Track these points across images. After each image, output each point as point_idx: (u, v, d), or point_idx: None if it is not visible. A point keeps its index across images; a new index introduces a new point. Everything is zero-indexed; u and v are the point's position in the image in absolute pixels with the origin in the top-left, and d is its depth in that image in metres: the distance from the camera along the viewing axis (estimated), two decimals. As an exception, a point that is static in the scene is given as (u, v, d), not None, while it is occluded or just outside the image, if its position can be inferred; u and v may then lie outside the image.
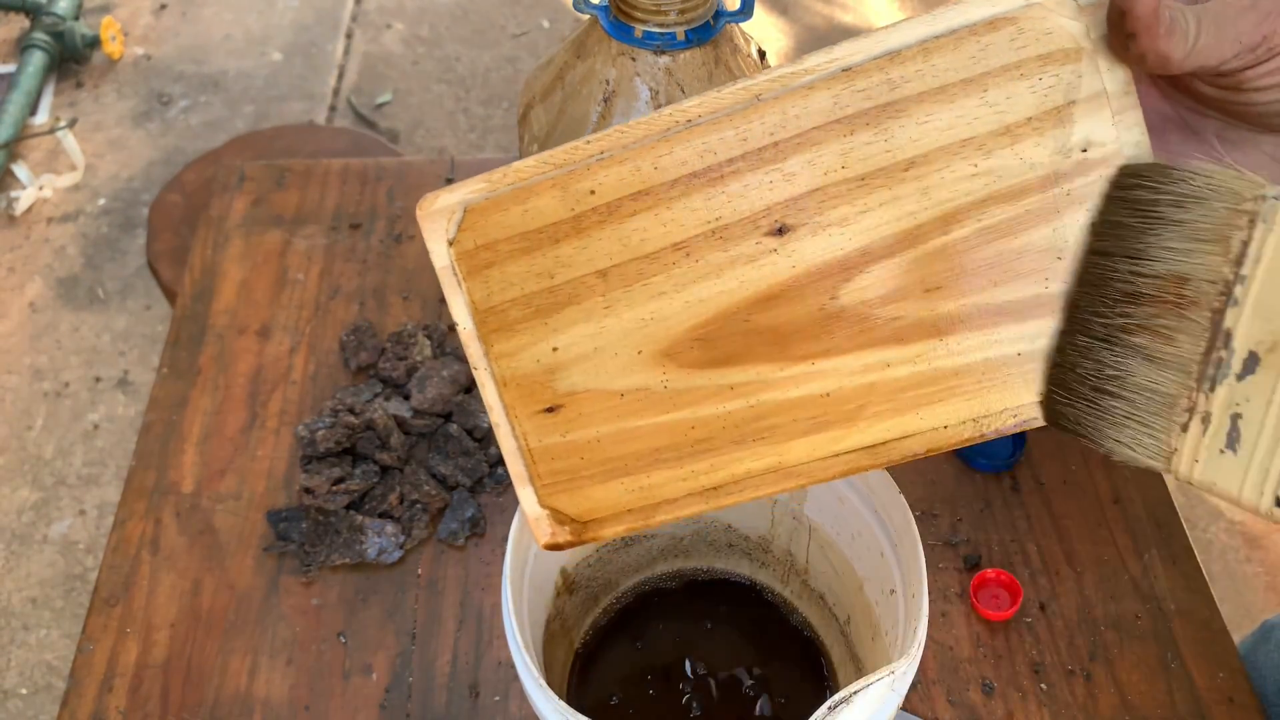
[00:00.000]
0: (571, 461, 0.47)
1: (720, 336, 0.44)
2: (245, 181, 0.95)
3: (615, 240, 0.43)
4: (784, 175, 0.42)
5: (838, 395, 0.44)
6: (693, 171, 0.42)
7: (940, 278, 0.42)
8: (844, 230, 0.42)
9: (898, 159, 0.41)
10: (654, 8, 0.55)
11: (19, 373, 1.74)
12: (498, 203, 0.44)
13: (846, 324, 0.43)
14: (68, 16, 2.21)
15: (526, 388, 0.47)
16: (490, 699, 0.65)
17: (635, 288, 0.44)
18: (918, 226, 0.42)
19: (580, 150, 0.43)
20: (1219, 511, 1.55)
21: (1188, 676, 0.65)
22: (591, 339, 0.45)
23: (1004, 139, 0.40)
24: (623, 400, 0.46)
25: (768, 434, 0.45)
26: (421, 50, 2.31)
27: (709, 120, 0.42)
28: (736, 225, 0.42)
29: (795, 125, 0.41)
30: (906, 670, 0.45)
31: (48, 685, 1.41)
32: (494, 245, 0.44)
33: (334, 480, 0.72)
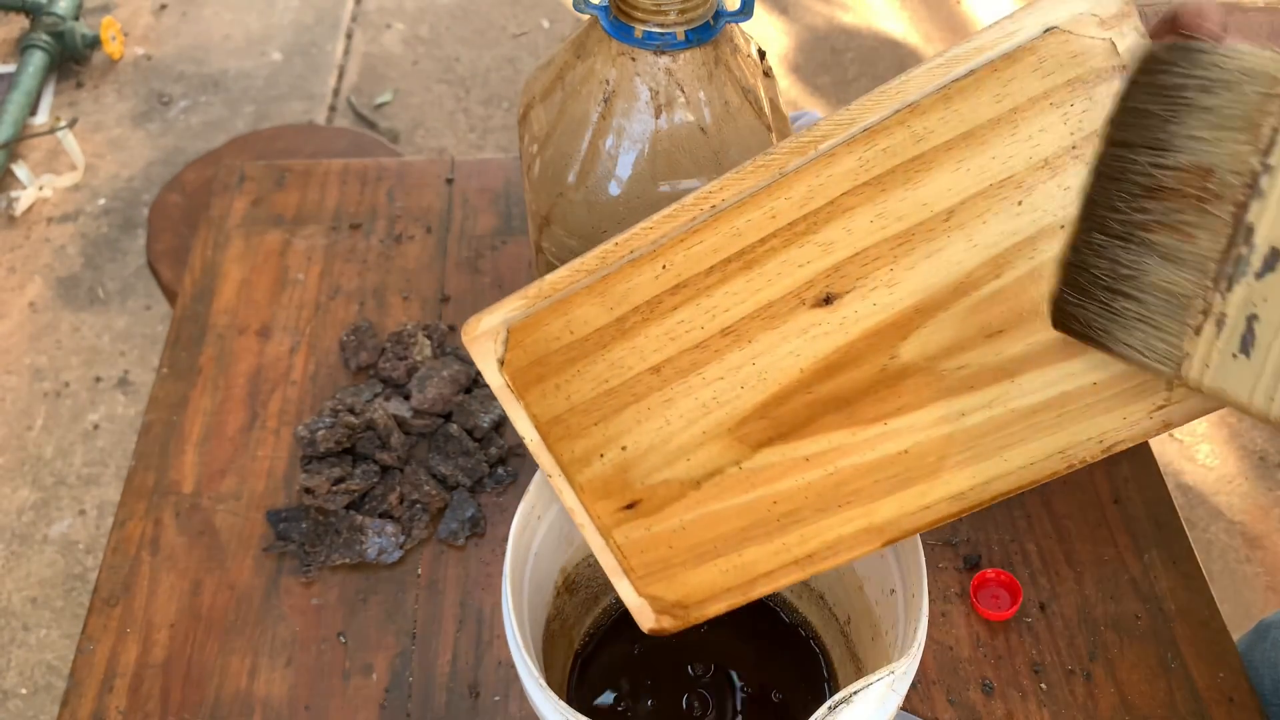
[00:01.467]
0: (661, 552, 0.47)
1: (786, 411, 0.44)
2: (245, 181, 0.95)
3: (662, 336, 0.43)
4: (820, 246, 0.41)
5: (916, 451, 0.43)
6: (727, 257, 0.42)
7: (1001, 321, 0.41)
8: (892, 290, 0.41)
9: (935, 210, 0.40)
10: (654, 8, 0.55)
11: (19, 373, 1.74)
12: (539, 319, 0.44)
13: (912, 380, 0.42)
14: (68, 16, 2.21)
15: (603, 488, 0.47)
16: (490, 699, 0.65)
17: (691, 378, 0.44)
18: (968, 274, 0.41)
19: (610, 254, 0.42)
20: (1219, 511, 1.55)
21: (1188, 676, 0.65)
22: (658, 432, 0.45)
23: (1044, 172, 0.39)
24: (700, 489, 0.46)
25: (852, 498, 0.45)
26: (421, 50, 2.31)
27: (734, 203, 0.41)
28: (781, 302, 0.42)
29: (824, 194, 0.40)
30: (906, 670, 0.45)
31: (48, 685, 1.41)
32: (544, 359, 0.44)
33: (334, 480, 0.72)
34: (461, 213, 0.92)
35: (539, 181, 0.61)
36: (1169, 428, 0.42)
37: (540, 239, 0.64)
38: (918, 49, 2.25)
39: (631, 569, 0.48)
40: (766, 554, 0.46)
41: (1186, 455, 1.61)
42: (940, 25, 2.31)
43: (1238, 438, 1.63)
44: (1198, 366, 0.37)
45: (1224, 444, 1.62)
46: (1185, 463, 1.60)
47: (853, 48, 2.25)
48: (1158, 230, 0.37)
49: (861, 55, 2.23)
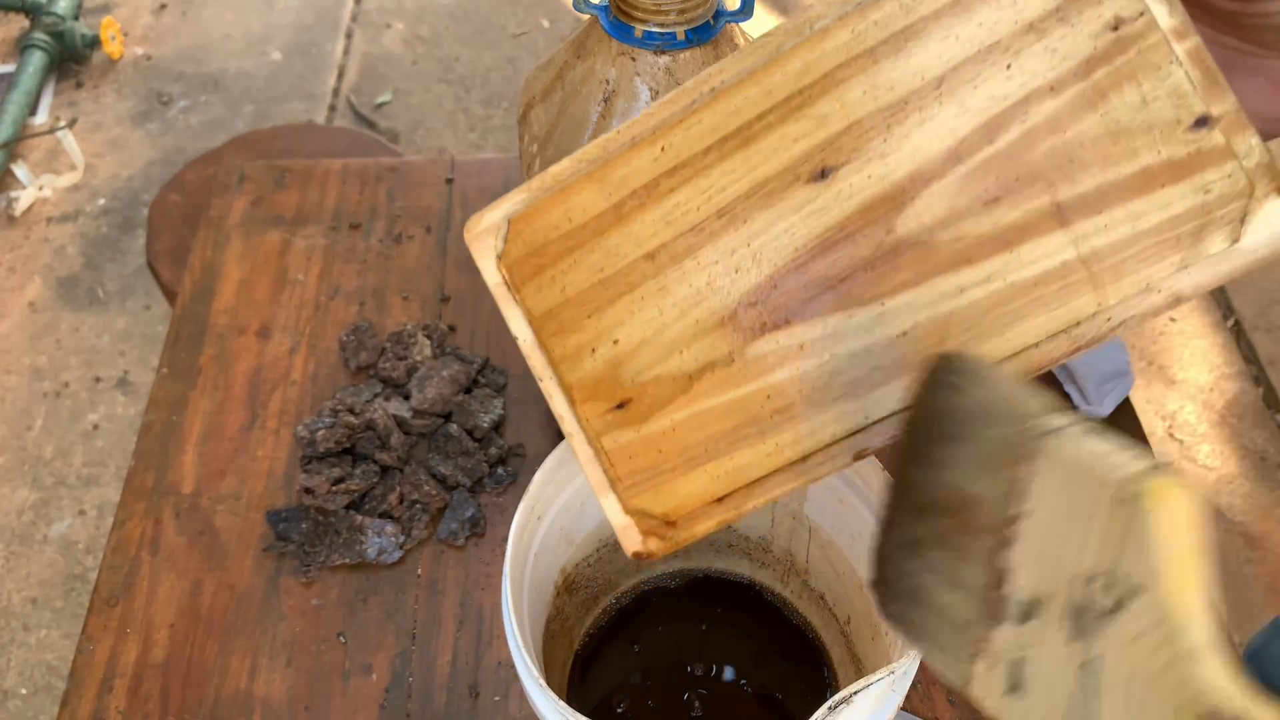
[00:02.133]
0: (650, 457, 0.46)
1: (781, 294, 0.43)
2: (245, 181, 0.95)
3: (658, 220, 0.43)
4: (815, 119, 0.41)
5: (915, 332, 0.42)
6: (724, 135, 0.42)
7: (997, 188, 0.41)
8: (886, 160, 0.41)
9: (926, 79, 0.41)
10: (654, 8, 0.55)
11: (19, 373, 1.74)
12: (539, 208, 0.44)
13: (909, 255, 0.42)
14: (68, 16, 2.21)
15: (593, 388, 0.46)
16: (490, 699, 0.65)
17: (685, 263, 0.43)
18: (961, 141, 0.41)
19: (612, 141, 0.43)
20: (1219, 511, 1.55)
21: (1188, 676, 0.65)
22: (650, 323, 0.44)
23: (1030, 36, 0.40)
24: (692, 381, 0.44)
25: (849, 390, 0.43)
26: (421, 50, 2.31)
27: (733, 83, 0.42)
28: (776, 179, 0.42)
29: (818, 68, 0.41)
30: (907, 670, 0.45)
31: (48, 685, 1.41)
32: (541, 250, 0.44)
33: (334, 480, 0.72)
34: (461, 213, 0.92)
35: (539, 181, 0.61)
36: (1179, 302, 0.41)
37: (540, 239, 0.64)
38: (918, 49, 2.25)
39: (619, 478, 0.46)
40: (759, 456, 0.45)
41: (1187, 456, 1.61)
42: (940, 25, 2.31)
43: (1238, 438, 1.63)
44: (979, 692, 0.36)
45: (1224, 444, 1.62)
46: (1186, 463, 1.60)
47: (853, 48, 2.25)
48: (935, 547, 0.37)
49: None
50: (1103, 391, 0.76)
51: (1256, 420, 1.65)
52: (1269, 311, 1.79)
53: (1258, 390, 1.69)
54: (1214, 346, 1.74)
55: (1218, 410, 1.66)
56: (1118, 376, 0.77)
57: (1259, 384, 1.70)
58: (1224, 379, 1.70)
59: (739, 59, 0.42)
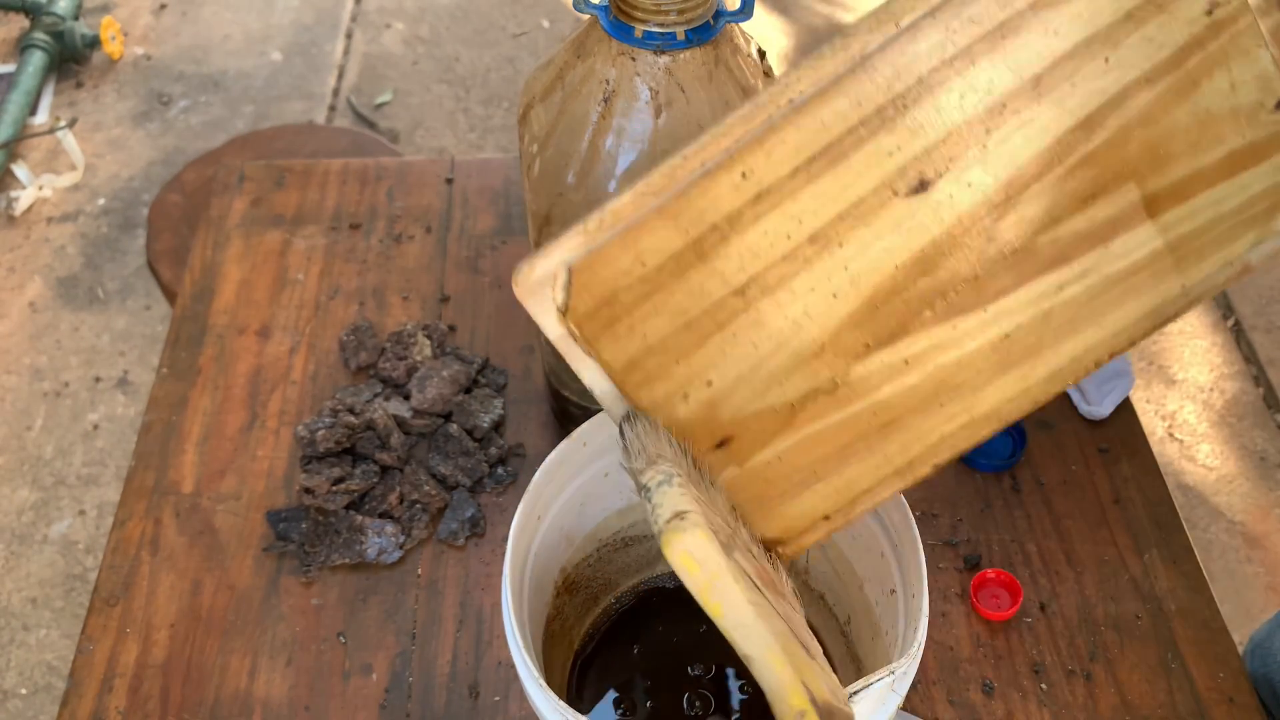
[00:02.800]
0: (757, 488, 0.44)
1: (882, 314, 0.41)
2: (245, 181, 0.95)
3: (745, 253, 0.40)
4: (910, 130, 0.39)
5: (1016, 334, 0.42)
6: (811, 155, 0.39)
7: (1093, 185, 0.40)
8: (985, 167, 0.39)
9: (1024, 78, 0.39)
10: (654, 7, 0.55)
11: (19, 373, 1.74)
12: (604, 255, 0.40)
13: (1009, 260, 0.41)
14: (67, 16, 2.21)
15: (688, 431, 0.43)
16: (490, 699, 0.65)
17: (779, 294, 0.41)
18: (1058, 140, 0.39)
19: (679, 169, 0.39)
20: (1219, 511, 1.55)
21: (1188, 676, 0.65)
22: (746, 360, 0.42)
23: (1128, 25, 0.38)
24: (794, 411, 0.43)
25: (953, 394, 0.42)
26: (421, 50, 2.31)
27: (816, 94, 0.38)
28: (872, 196, 0.39)
29: (911, 72, 0.38)
30: (907, 670, 0.45)
31: (48, 685, 1.41)
32: (613, 299, 0.41)
33: (334, 480, 0.72)
34: (461, 212, 0.92)
35: (539, 181, 0.61)
36: (1248, 273, 0.42)
37: (540, 239, 0.64)
38: (918, 49, 2.25)
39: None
40: (868, 469, 0.44)
41: (1187, 455, 1.61)
42: (940, 25, 2.30)
43: (1238, 438, 1.63)
44: None
45: (1224, 444, 1.62)
46: (1186, 463, 1.60)
47: (853, 48, 2.25)
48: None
49: (861, 55, 2.23)
50: (1103, 391, 0.76)
51: (1256, 420, 1.65)
52: (1269, 311, 1.79)
53: (1258, 390, 1.69)
54: (1214, 346, 1.74)
55: (1218, 410, 1.66)
56: (1118, 376, 0.77)
57: (1259, 384, 1.70)
58: (1224, 379, 1.70)
59: (817, 65, 0.38)
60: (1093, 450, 0.75)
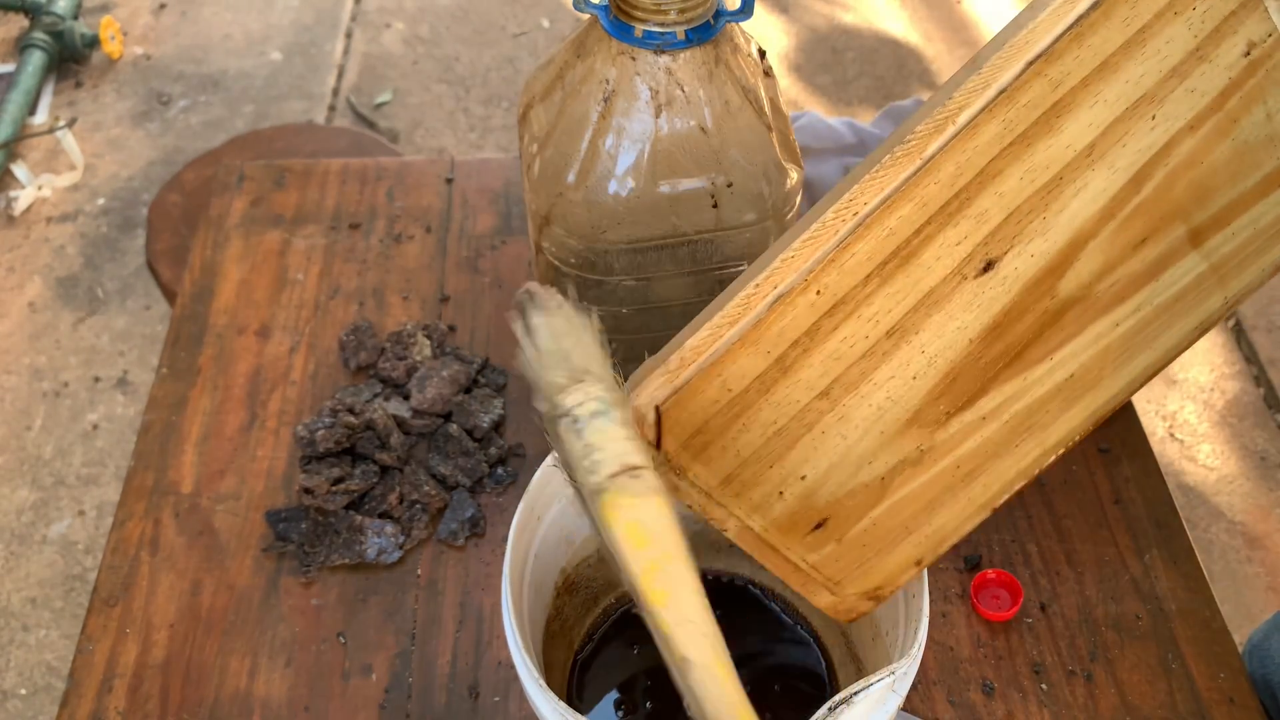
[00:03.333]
0: (855, 554, 0.48)
1: (960, 384, 0.44)
2: (245, 181, 0.95)
3: (827, 360, 0.42)
4: (975, 219, 0.40)
5: (1079, 373, 0.44)
6: (881, 261, 0.41)
7: (1143, 230, 0.42)
8: (1046, 236, 0.41)
9: (1078, 150, 0.40)
10: (654, 7, 0.55)
11: (18, 373, 1.74)
12: (691, 389, 0.42)
13: (1072, 313, 0.43)
14: (67, 16, 2.21)
15: (788, 523, 0.46)
16: (490, 699, 0.65)
17: (862, 387, 0.43)
18: (1113, 199, 0.41)
19: (754, 298, 0.41)
20: (1220, 511, 1.55)
21: (1188, 676, 0.65)
22: (835, 449, 0.44)
23: (1172, 81, 0.39)
24: (884, 484, 0.46)
25: (1026, 435, 0.45)
26: (421, 50, 2.31)
27: (880, 204, 0.40)
28: (943, 285, 0.41)
29: (972, 167, 0.40)
30: (907, 671, 0.45)
31: (47, 685, 1.41)
32: (705, 427, 0.43)
33: (334, 480, 0.72)
34: (461, 213, 0.92)
35: (539, 181, 0.61)
36: (1278, 272, 0.44)
37: (540, 239, 0.64)
38: (918, 48, 2.25)
39: (828, 580, 0.49)
40: (955, 514, 0.47)
41: (1187, 455, 1.61)
42: (940, 25, 2.31)
43: (1239, 438, 1.63)
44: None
45: (1225, 444, 1.62)
46: (1186, 463, 1.60)
47: (853, 48, 2.25)
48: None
49: (861, 55, 2.23)
50: (1103, 391, 0.76)
51: (1256, 420, 1.65)
52: (1269, 311, 1.79)
53: (1258, 390, 1.69)
54: (1214, 346, 1.74)
55: (1218, 410, 1.66)
56: (1118, 376, 0.77)
57: (1259, 384, 1.70)
58: (1224, 379, 1.70)
59: (880, 175, 0.39)
60: (1093, 450, 0.75)
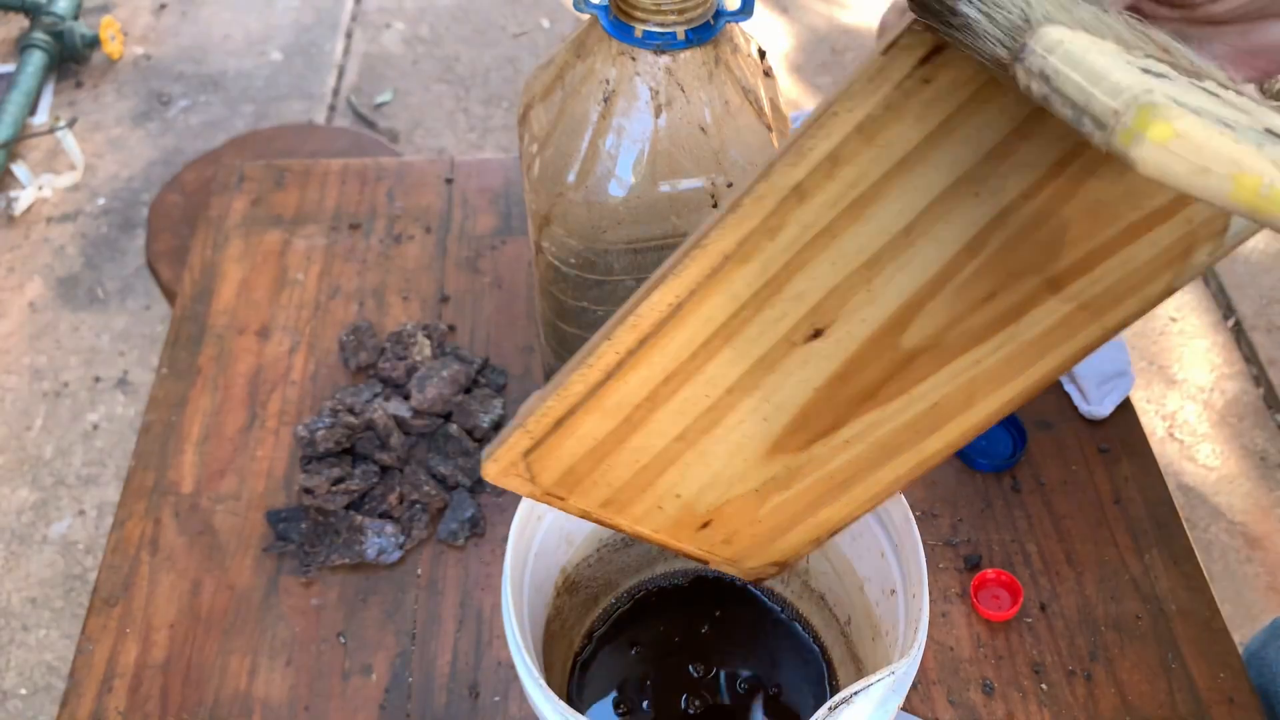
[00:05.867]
0: (746, 542, 0.51)
1: (814, 420, 0.46)
2: (245, 181, 0.95)
3: (673, 414, 0.45)
4: (792, 299, 0.41)
5: (944, 401, 0.45)
6: (705, 340, 0.42)
7: (990, 286, 0.41)
8: (874, 305, 0.42)
9: (893, 233, 0.39)
10: (654, 7, 0.55)
11: (18, 373, 1.74)
12: (549, 446, 0.45)
13: (922, 358, 0.44)
14: (67, 16, 2.21)
15: (674, 526, 0.50)
16: (490, 699, 0.65)
17: (715, 430, 0.46)
18: (945, 266, 0.41)
19: (590, 376, 0.43)
20: (1219, 511, 1.55)
21: (1188, 676, 0.65)
22: (703, 475, 0.48)
23: (993, 161, 0.38)
24: (759, 492, 0.49)
25: (897, 450, 0.47)
26: (421, 50, 2.31)
27: (690, 299, 0.41)
28: (773, 351, 0.43)
29: (775, 263, 0.40)
30: (907, 671, 0.45)
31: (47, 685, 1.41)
32: (572, 469, 0.46)
33: (334, 480, 0.72)
34: (461, 213, 0.92)
35: (539, 181, 0.61)
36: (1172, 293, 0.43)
37: (540, 239, 0.64)
38: (918, 49, 2.25)
39: (726, 560, 0.53)
40: (839, 509, 0.50)
41: (1187, 455, 1.61)
42: (940, 25, 2.30)
43: (1239, 438, 1.63)
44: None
45: (1225, 444, 1.62)
46: (1186, 463, 1.60)
47: (853, 48, 2.25)
48: None
49: (861, 55, 2.23)
50: (1103, 391, 0.76)
51: (1256, 420, 1.65)
52: (1269, 311, 1.79)
53: (1258, 390, 1.69)
54: (1214, 346, 1.74)
55: (1218, 410, 1.66)
56: (1118, 376, 0.77)
57: (1259, 384, 1.70)
58: (1224, 379, 1.70)
59: (682, 273, 0.40)
60: (1093, 450, 0.75)
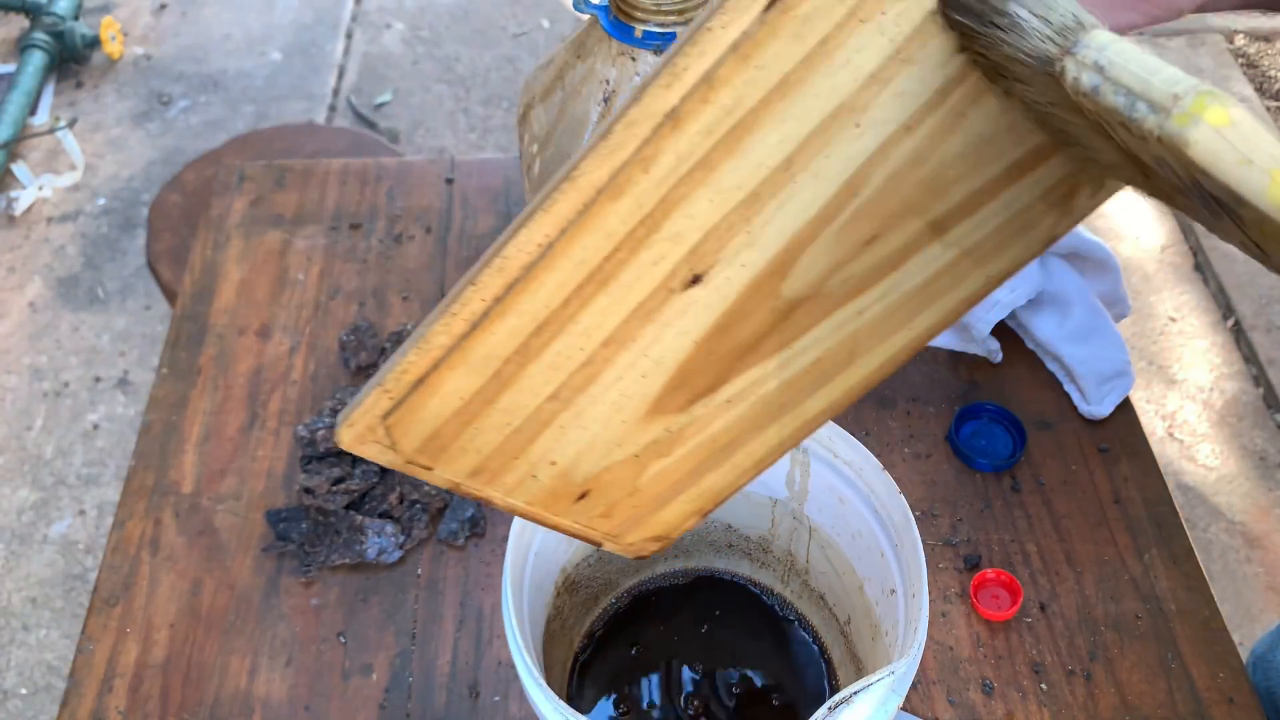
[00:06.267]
0: (626, 514, 0.49)
1: (694, 377, 0.44)
2: (245, 181, 0.95)
3: (545, 370, 0.42)
4: (669, 240, 0.39)
5: (828, 356, 0.44)
6: (577, 285, 0.40)
7: (872, 229, 0.40)
8: (755, 247, 0.40)
9: (772, 167, 0.38)
10: (654, 7, 0.55)
11: (19, 373, 1.74)
12: (411, 406, 0.42)
13: (804, 307, 0.42)
14: (67, 16, 2.21)
15: (550, 497, 0.47)
16: (490, 699, 0.65)
17: (591, 389, 0.43)
18: (825, 207, 0.39)
19: (453, 325, 0.40)
20: (1219, 511, 1.55)
21: (1188, 676, 0.65)
22: (580, 440, 0.45)
23: (874, 88, 0.36)
24: (639, 458, 0.47)
25: (781, 410, 0.46)
26: (421, 50, 2.31)
27: (562, 237, 0.39)
28: (650, 299, 0.41)
29: (651, 198, 0.38)
30: (907, 670, 0.45)
31: (48, 685, 1.41)
32: (436, 434, 0.43)
33: (334, 480, 0.72)
34: (461, 212, 0.92)
35: (539, 181, 0.61)
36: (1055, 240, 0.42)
37: (540, 239, 0.64)
38: (918, 49, 2.25)
39: (606, 535, 0.50)
40: (722, 475, 0.48)
41: (1187, 455, 1.61)
42: (940, 25, 2.30)
43: (1238, 438, 1.63)
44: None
45: (1224, 444, 1.62)
46: (1185, 463, 1.60)
47: (853, 48, 2.25)
48: None
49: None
50: (1103, 391, 0.76)
51: (1256, 420, 1.65)
52: (1269, 311, 1.79)
53: (1257, 390, 1.69)
54: (1214, 346, 1.74)
55: (1218, 410, 1.66)
56: (1118, 376, 0.77)
57: (1258, 384, 1.70)
58: (1224, 379, 1.70)
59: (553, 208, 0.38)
60: (1093, 450, 0.75)
